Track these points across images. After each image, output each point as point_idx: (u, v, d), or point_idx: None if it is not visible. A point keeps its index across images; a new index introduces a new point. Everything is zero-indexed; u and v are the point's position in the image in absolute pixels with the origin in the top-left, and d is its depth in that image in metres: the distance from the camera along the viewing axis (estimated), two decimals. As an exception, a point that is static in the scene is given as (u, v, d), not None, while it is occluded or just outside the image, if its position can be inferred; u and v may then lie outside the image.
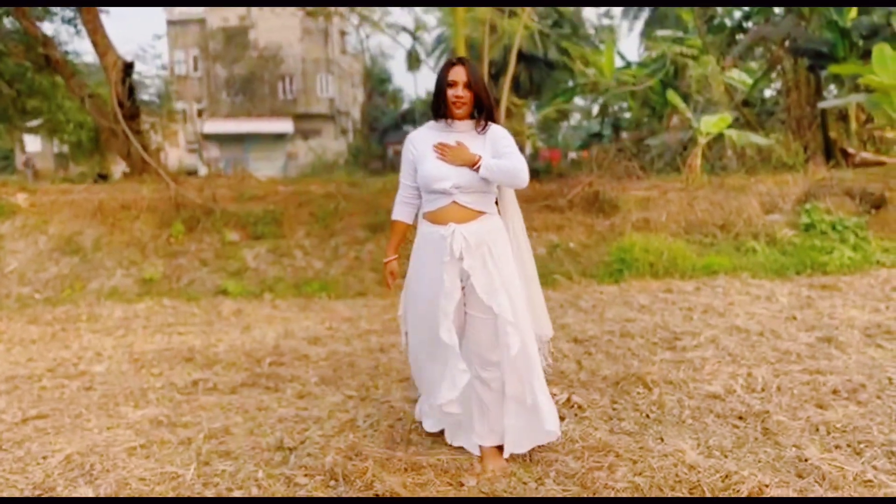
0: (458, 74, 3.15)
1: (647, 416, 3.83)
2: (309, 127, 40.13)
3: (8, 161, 37.38)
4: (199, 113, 40.60)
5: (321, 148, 34.79)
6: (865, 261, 8.13)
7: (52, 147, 32.68)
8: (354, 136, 42.56)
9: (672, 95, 13.28)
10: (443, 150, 3.17)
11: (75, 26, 13.34)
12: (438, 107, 3.20)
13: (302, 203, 9.26)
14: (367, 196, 9.47)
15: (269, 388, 4.56)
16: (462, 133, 3.22)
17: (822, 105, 13.54)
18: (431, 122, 3.30)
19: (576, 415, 3.88)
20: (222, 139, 38.30)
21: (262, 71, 40.24)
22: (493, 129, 3.26)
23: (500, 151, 3.19)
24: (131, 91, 11.00)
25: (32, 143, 32.75)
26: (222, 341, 5.79)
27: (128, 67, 11.03)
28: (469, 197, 3.17)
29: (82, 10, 10.82)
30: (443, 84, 3.18)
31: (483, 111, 3.23)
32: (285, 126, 38.82)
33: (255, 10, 37.11)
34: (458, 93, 3.14)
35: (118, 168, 16.99)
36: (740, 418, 3.71)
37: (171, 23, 40.10)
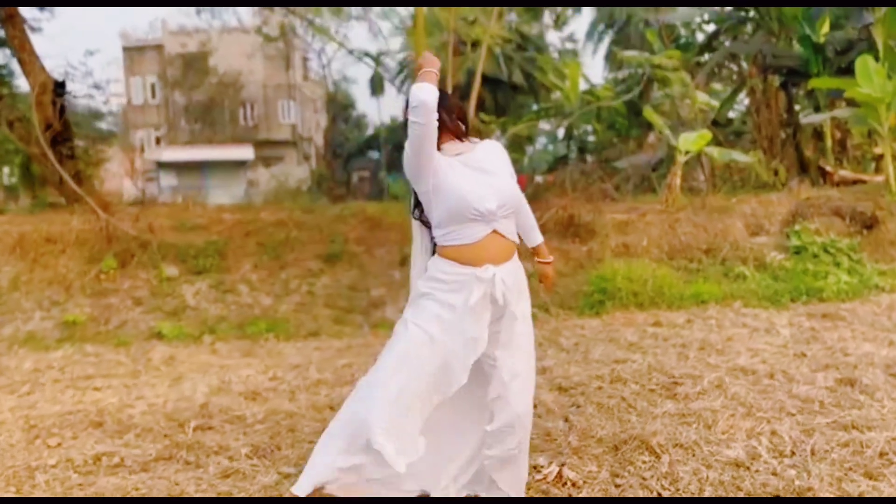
0: None
1: (660, 494, 3.05)
2: (271, 154, 39.24)
3: (-46, 193, 35.81)
4: (158, 140, 39.48)
5: (284, 175, 33.86)
6: (863, 285, 7.53)
7: (3, 178, 31.33)
8: (318, 162, 41.71)
9: (649, 113, 12.73)
10: None
11: (2, 41, 12.37)
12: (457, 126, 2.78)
13: (249, 232, 8.39)
14: (321, 223, 8.63)
15: (189, 464, 3.69)
16: (474, 148, 2.79)
17: (803, 120, 13.11)
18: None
19: (570, 494, 3.08)
20: (180, 167, 37.17)
21: (223, 97, 39.29)
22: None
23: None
24: (62, 113, 10.06)
25: (-19, 175, 31.34)
26: (143, 399, 4.89)
27: (58, 87, 10.11)
28: (509, 222, 2.74)
29: (7, 24, 9.92)
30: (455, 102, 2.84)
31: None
32: (245, 153, 37.85)
33: (214, 35, 36.24)
34: None
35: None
36: (777, 498, 2.95)
37: (127, 49, 39.06)
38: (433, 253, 2.81)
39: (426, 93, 2.52)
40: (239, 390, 4.99)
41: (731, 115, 19.93)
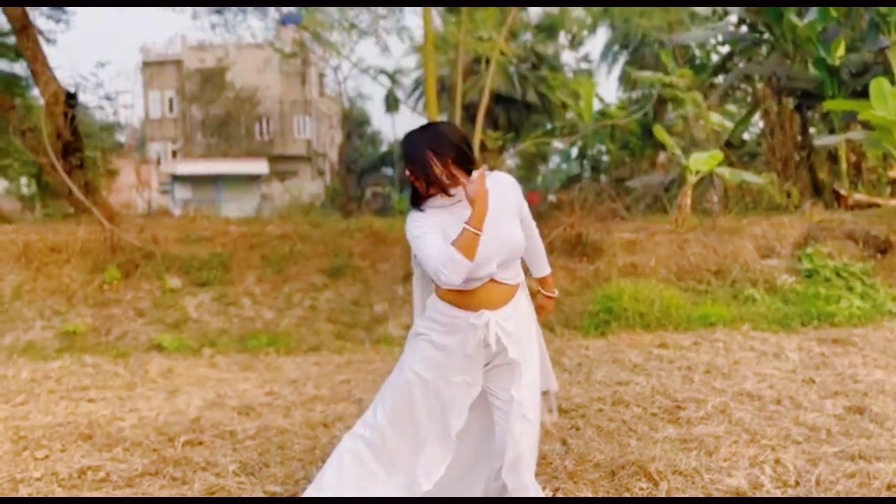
0: None
1: (655, 524, 2.93)
2: (285, 168, 39.44)
3: (-27, 202, 36.20)
4: (174, 154, 39.84)
5: (297, 189, 33.99)
6: (876, 311, 7.37)
7: (22, 187, 31.67)
8: (332, 177, 41.86)
9: (659, 131, 12.64)
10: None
11: (15, 51, 12.48)
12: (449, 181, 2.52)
13: (254, 245, 8.33)
14: (327, 237, 8.55)
15: (175, 480, 3.60)
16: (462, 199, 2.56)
17: (816, 143, 12.97)
18: (432, 201, 2.58)
19: (562, 523, 2.97)
20: (195, 180, 37.40)
21: (239, 112, 39.67)
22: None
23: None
24: (73, 123, 10.10)
25: (-1, 185, 31.69)
26: (136, 411, 4.82)
27: (69, 98, 10.17)
28: (509, 272, 2.62)
29: (21, 35, 10.00)
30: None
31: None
32: (260, 167, 38.06)
33: (233, 50, 36.58)
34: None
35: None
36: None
37: (146, 64, 39.49)
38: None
39: (459, 272, 2.41)
40: (233, 405, 4.91)
41: (745, 136, 19.81)
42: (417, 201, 2.58)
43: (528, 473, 2.58)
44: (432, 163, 2.46)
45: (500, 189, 2.59)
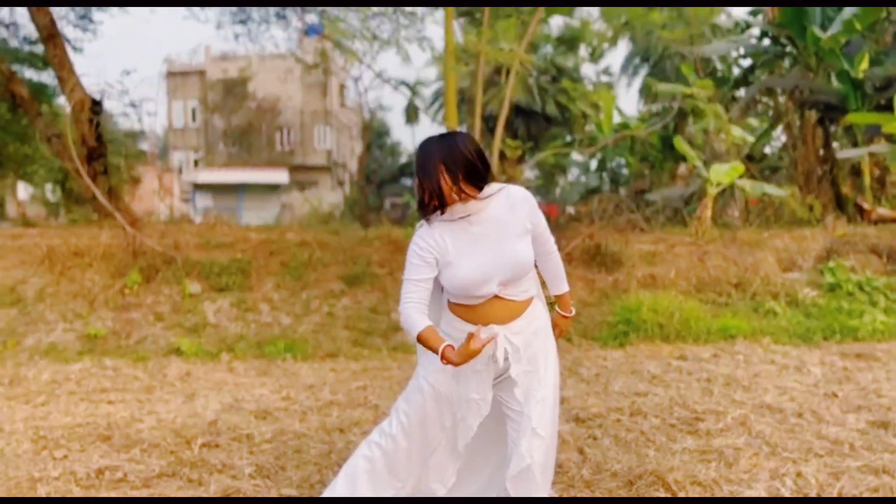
0: None
1: (673, 534, 2.89)
2: (305, 178, 39.69)
3: (0, 209, 36.74)
4: (196, 163, 40.27)
5: (317, 199, 34.19)
6: (900, 326, 7.24)
7: (46, 195, 32.12)
8: (351, 187, 42.05)
9: (680, 142, 12.57)
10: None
11: (43, 60, 12.70)
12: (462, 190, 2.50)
13: (273, 252, 8.38)
14: (345, 245, 8.58)
15: (191, 481, 3.61)
16: (486, 205, 2.55)
17: (839, 156, 12.84)
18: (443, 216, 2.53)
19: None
20: (216, 189, 37.76)
21: (260, 122, 40.05)
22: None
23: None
24: (97, 130, 10.25)
25: (24, 191, 32.15)
26: (154, 414, 4.84)
27: (94, 105, 10.31)
28: (514, 288, 2.58)
29: (48, 43, 10.18)
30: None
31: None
32: (280, 177, 38.36)
33: (255, 61, 36.96)
34: None
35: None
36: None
37: (171, 74, 39.99)
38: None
39: (413, 333, 2.49)
40: (250, 409, 4.92)
41: (766, 150, 19.66)
42: (425, 211, 2.54)
43: (535, 489, 2.52)
44: (441, 177, 2.43)
45: (510, 204, 2.57)
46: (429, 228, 2.55)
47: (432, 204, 2.47)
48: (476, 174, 2.47)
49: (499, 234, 2.51)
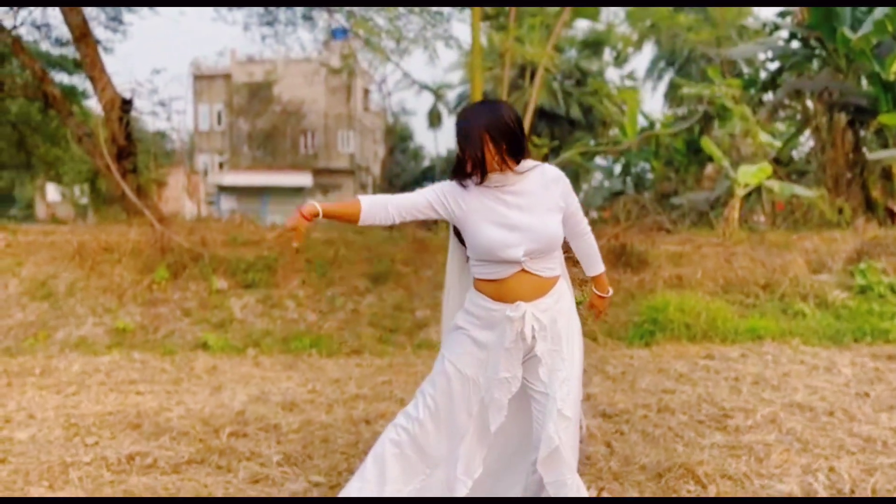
0: None
1: (704, 525, 2.86)
2: (329, 182, 39.95)
3: (30, 210, 37.41)
4: (220, 165, 40.71)
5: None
6: (933, 328, 7.11)
7: (73, 196, 32.64)
8: (374, 191, 42.26)
9: (707, 143, 12.46)
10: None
11: (74, 62, 12.93)
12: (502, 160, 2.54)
13: (299, 249, 8.44)
14: (370, 243, 8.63)
15: (220, 468, 3.64)
16: (521, 179, 2.59)
17: (870, 157, 12.66)
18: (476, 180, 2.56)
19: (606, 522, 2.92)
20: (240, 191, 38.13)
21: (285, 125, 40.42)
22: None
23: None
24: (127, 129, 10.40)
25: (53, 193, 32.68)
26: (182, 404, 4.89)
27: (125, 104, 10.47)
28: (541, 263, 2.57)
29: (80, 43, 10.36)
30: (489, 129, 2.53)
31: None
32: (304, 180, 38.65)
33: (280, 65, 37.32)
34: None
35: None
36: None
37: (197, 77, 40.48)
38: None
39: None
40: (277, 401, 4.95)
41: (794, 154, 19.43)
42: (461, 176, 2.54)
43: (566, 469, 2.52)
44: (486, 146, 2.45)
45: (544, 182, 2.59)
46: (457, 186, 2.57)
47: (474, 172, 2.49)
48: (518, 146, 2.51)
49: (530, 205, 2.52)
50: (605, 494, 3.10)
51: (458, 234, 2.72)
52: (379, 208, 2.56)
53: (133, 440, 4.11)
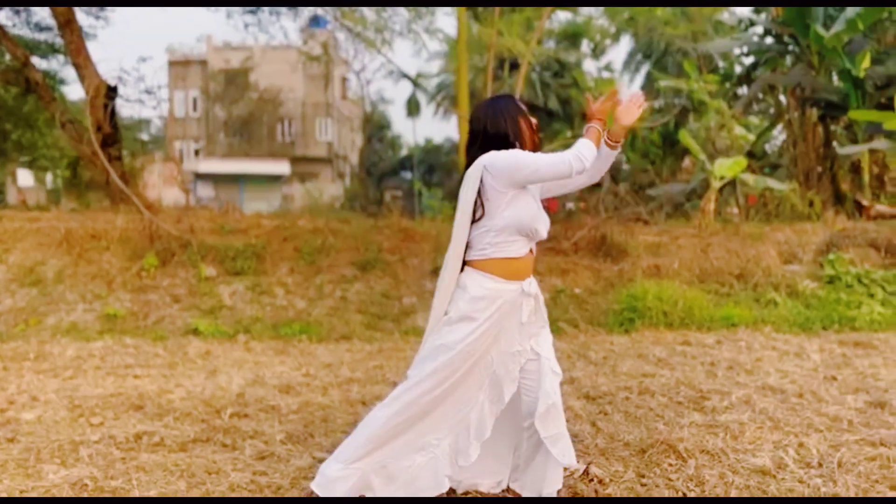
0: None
1: (685, 495, 3.10)
2: (306, 170, 39.82)
3: (1, 195, 36.81)
4: (196, 152, 40.36)
5: (318, 191, 34.34)
6: (897, 317, 7.46)
7: (46, 183, 32.21)
8: (352, 180, 42.22)
9: (684, 136, 12.76)
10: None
11: (56, 48, 12.86)
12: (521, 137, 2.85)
13: (287, 238, 8.57)
14: (357, 232, 8.79)
15: (226, 446, 3.81)
16: None
17: (840, 152, 13.03)
18: None
19: (596, 491, 3.14)
20: (217, 179, 37.88)
21: (262, 113, 40.17)
22: None
23: None
24: (113, 116, 10.41)
25: (25, 178, 32.21)
26: (181, 387, 5.04)
27: (110, 91, 10.47)
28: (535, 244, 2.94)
29: (65, 29, 10.33)
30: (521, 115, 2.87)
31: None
32: (282, 168, 38.49)
33: (257, 52, 37.04)
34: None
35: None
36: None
37: (172, 64, 40.05)
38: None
39: (592, 148, 2.75)
40: (273, 384, 5.12)
41: (767, 148, 19.82)
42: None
43: (561, 424, 2.81)
44: (523, 127, 2.84)
45: None
46: None
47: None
48: (538, 137, 2.92)
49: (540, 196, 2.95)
50: (593, 469, 3.32)
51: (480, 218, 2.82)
52: None
53: (138, 420, 4.26)
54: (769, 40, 16.20)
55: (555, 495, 2.93)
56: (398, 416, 2.82)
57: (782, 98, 16.95)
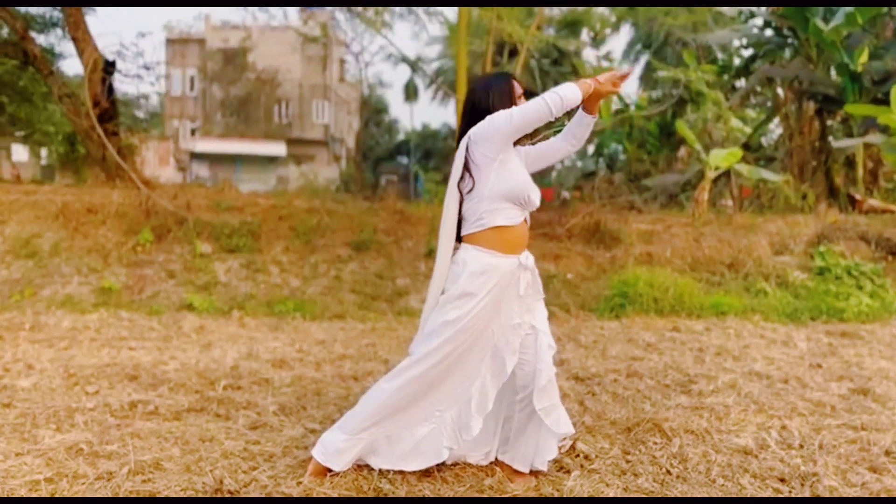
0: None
1: (668, 471, 3.17)
2: (302, 152, 39.74)
3: (-7, 170, 36.63)
4: (192, 132, 40.22)
5: (313, 173, 34.30)
6: (884, 309, 7.56)
7: (40, 158, 32.05)
8: (347, 163, 42.13)
9: (681, 126, 12.80)
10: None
11: (54, 22, 12.78)
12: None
13: (282, 217, 8.61)
14: (352, 213, 8.83)
15: (219, 416, 3.87)
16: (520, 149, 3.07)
17: (835, 145, 13.10)
18: None
19: (582, 466, 3.22)
20: (213, 158, 37.79)
21: (259, 94, 40.01)
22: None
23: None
24: (110, 91, 10.39)
25: (19, 153, 32.06)
26: (175, 359, 5.10)
27: (108, 66, 10.44)
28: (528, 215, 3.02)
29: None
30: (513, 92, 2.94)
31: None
32: (278, 149, 38.42)
33: (256, 32, 36.87)
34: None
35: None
36: (782, 480, 3.07)
37: (170, 41, 39.80)
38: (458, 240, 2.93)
39: (577, 94, 2.75)
40: (266, 358, 5.18)
41: (763, 141, 19.91)
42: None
43: (555, 395, 2.93)
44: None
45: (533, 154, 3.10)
46: None
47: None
48: None
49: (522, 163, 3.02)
50: (580, 445, 3.39)
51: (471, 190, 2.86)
52: None
53: (133, 389, 4.31)
54: (768, 32, 16.22)
55: (547, 466, 3.01)
56: (404, 390, 2.86)
57: (780, 91, 16.99)
